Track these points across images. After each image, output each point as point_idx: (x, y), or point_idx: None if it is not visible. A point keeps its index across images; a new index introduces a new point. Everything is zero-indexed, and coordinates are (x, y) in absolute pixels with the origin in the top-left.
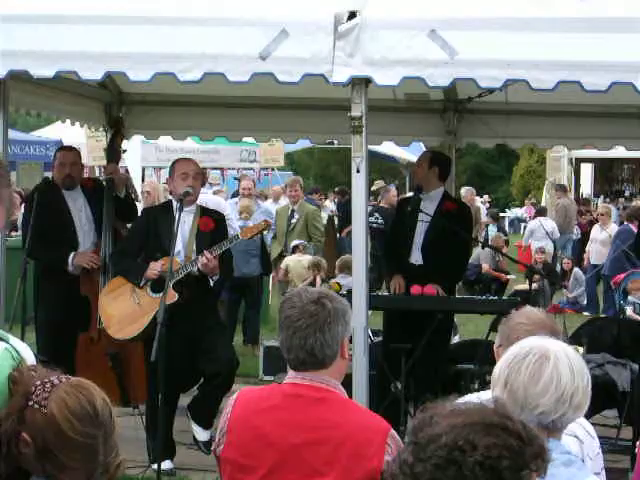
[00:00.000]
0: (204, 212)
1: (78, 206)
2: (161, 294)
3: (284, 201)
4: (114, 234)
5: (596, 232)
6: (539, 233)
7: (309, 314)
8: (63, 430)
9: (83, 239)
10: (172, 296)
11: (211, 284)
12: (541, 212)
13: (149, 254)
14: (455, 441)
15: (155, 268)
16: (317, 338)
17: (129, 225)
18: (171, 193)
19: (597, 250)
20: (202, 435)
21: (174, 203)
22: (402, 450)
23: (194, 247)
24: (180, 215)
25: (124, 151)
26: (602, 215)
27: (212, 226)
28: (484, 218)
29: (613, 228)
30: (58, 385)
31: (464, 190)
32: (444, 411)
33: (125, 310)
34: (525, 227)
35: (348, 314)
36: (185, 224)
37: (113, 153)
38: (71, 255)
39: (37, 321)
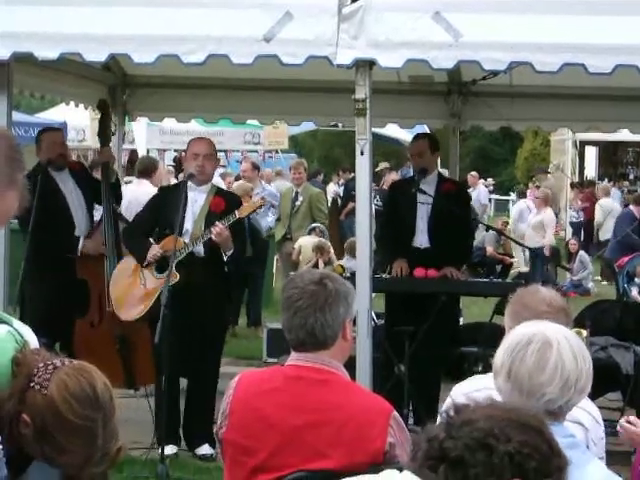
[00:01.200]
0: (218, 192)
1: (69, 188)
2: (164, 274)
3: (279, 183)
4: (114, 216)
5: (531, 216)
6: (526, 214)
7: (310, 294)
8: (62, 412)
9: (78, 221)
10: (174, 276)
11: (224, 258)
12: (524, 194)
13: (160, 231)
14: (491, 428)
15: (154, 251)
16: (317, 318)
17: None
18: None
19: (529, 235)
20: (207, 449)
21: (188, 182)
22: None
23: (202, 227)
24: (187, 195)
25: (113, 133)
26: (537, 198)
27: (223, 207)
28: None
29: (548, 212)
30: (60, 367)
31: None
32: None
33: (131, 291)
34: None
35: (351, 296)
36: (197, 203)
37: (105, 136)
38: (81, 242)
39: (31, 307)
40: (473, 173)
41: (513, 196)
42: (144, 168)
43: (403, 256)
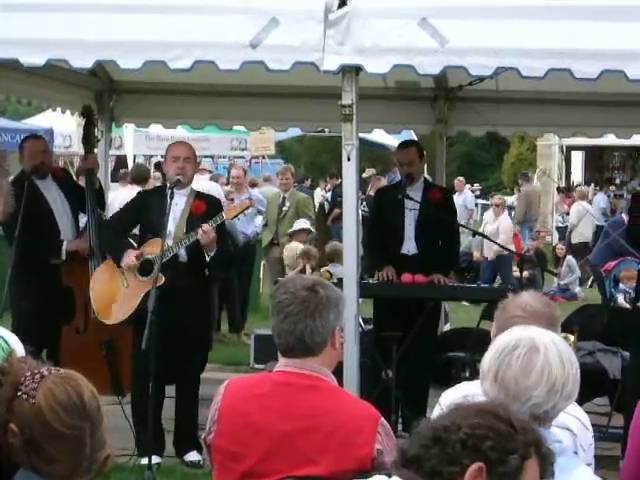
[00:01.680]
0: (197, 195)
1: (53, 195)
2: (148, 277)
3: (266, 189)
4: (99, 223)
5: (487, 225)
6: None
7: (301, 300)
8: (49, 421)
9: (63, 227)
10: (159, 279)
11: (207, 259)
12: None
13: (142, 235)
14: (442, 422)
15: (130, 256)
16: (307, 324)
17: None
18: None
19: (487, 244)
20: (195, 456)
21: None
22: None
23: (184, 229)
24: (172, 198)
25: (98, 140)
26: (497, 207)
27: (204, 209)
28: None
29: (503, 219)
30: (47, 376)
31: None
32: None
33: (114, 294)
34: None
35: (342, 304)
36: (177, 206)
37: (89, 143)
38: (64, 244)
39: (17, 314)
40: (460, 178)
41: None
42: (136, 176)
43: (391, 262)
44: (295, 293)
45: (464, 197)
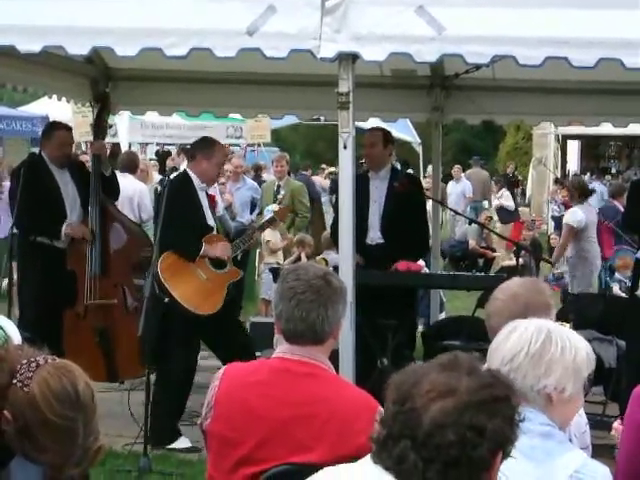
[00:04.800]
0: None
1: (65, 182)
2: (224, 270)
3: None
4: (102, 210)
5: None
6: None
7: (316, 288)
8: (42, 411)
9: (71, 214)
10: (237, 273)
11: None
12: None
13: (176, 227)
14: (461, 435)
15: (226, 252)
16: (319, 313)
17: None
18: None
19: None
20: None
21: (195, 180)
22: (387, 421)
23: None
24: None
25: (110, 126)
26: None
27: (213, 203)
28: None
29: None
30: (43, 365)
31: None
32: (422, 390)
33: (197, 286)
34: None
35: (347, 295)
36: (205, 202)
37: (100, 129)
38: (64, 226)
39: (21, 297)
40: (458, 166)
41: None
42: (126, 164)
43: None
44: (309, 281)
45: (463, 185)
